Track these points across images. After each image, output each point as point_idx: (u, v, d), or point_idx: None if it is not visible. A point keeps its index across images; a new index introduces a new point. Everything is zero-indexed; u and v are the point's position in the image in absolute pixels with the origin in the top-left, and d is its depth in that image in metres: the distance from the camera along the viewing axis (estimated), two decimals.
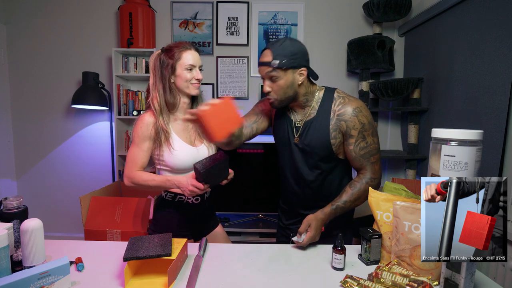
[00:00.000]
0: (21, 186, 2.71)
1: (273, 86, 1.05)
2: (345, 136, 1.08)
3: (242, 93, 2.64)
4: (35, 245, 0.82)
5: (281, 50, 1.01)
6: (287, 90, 1.05)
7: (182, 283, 0.83)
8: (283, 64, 1.00)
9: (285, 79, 1.03)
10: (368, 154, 1.08)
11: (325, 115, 1.08)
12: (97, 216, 1.53)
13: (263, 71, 1.04)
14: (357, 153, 1.07)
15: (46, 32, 2.58)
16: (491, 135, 1.49)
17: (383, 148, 2.70)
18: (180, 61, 1.13)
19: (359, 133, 1.06)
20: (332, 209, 1.06)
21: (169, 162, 1.14)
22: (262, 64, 1.03)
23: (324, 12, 2.60)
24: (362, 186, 1.08)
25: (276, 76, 1.02)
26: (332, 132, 1.07)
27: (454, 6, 1.86)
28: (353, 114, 1.05)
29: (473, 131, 0.74)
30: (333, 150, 1.09)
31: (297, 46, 1.03)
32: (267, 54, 1.02)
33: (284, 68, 1.01)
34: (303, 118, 1.13)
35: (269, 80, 1.05)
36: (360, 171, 1.12)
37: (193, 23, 2.61)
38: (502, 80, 1.46)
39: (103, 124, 2.65)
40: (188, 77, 1.14)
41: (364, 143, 1.07)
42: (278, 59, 1.00)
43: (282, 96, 1.06)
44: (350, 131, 1.06)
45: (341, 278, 0.84)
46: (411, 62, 2.48)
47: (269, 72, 1.02)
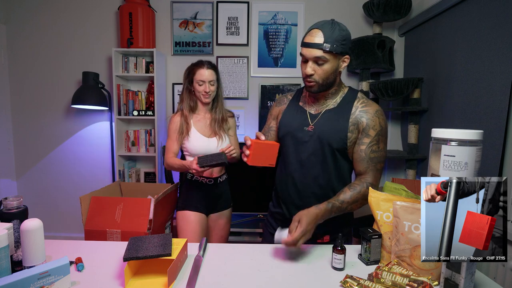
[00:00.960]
0: (21, 186, 2.71)
1: (318, 70, 1.01)
2: (362, 133, 1.04)
3: (242, 93, 2.64)
4: (35, 245, 0.82)
5: (333, 33, 0.97)
6: (330, 76, 1.02)
7: (182, 283, 0.83)
8: (334, 48, 0.97)
9: (332, 64, 1.00)
10: (376, 160, 1.05)
11: (347, 107, 1.07)
12: (97, 216, 1.53)
13: (310, 53, 0.99)
14: (367, 155, 1.04)
15: (46, 32, 2.59)
16: (491, 135, 1.49)
17: None
18: (194, 76, 1.51)
19: (376, 135, 1.03)
20: (328, 207, 0.98)
21: (187, 148, 1.54)
22: (312, 45, 0.98)
23: (324, 12, 2.60)
24: (362, 189, 1.03)
25: (324, 60, 0.98)
26: (350, 125, 1.04)
27: (454, 6, 1.86)
28: (376, 115, 1.04)
29: (473, 131, 0.74)
30: (347, 144, 1.05)
31: (346, 32, 1.00)
32: (317, 35, 0.97)
33: (334, 52, 0.98)
34: (320, 109, 1.10)
35: (314, 63, 1.00)
36: (361, 175, 1.07)
37: (193, 23, 2.61)
38: (502, 80, 1.46)
39: (103, 124, 2.65)
40: (198, 89, 1.51)
41: (376, 147, 1.04)
42: (330, 42, 0.96)
43: (324, 80, 1.02)
44: (368, 130, 1.03)
45: (341, 278, 0.84)
46: (411, 62, 2.48)
47: (318, 55, 0.98)
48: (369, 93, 2.43)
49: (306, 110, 1.12)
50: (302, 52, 1.02)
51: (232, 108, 2.03)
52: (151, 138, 2.55)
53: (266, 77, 2.64)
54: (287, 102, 1.21)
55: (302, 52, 1.02)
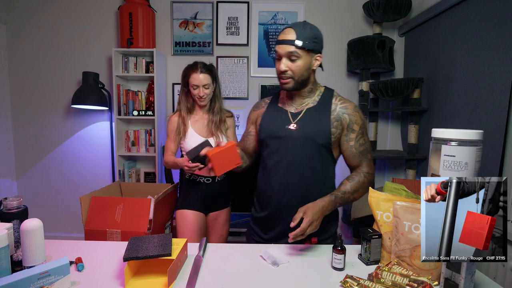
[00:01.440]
0: (21, 186, 2.71)
1: (291, 66, 1.04)
2: (346, 130, 1.09)
3: (242, 93, 2.64)
4: (35, 245, 0.82)
5: (304, 31, 1.02)
6: (303, 72, 1.06)
7: (182, 283, 0.83)
8: (306, 45, 1.02)
9: (304, 60, 1.04)
10: (366, 151, 1.11)
11: (326, 105, 1.11)
12: (97, 216, 1.53)
13: (283, 49, 1.03)
14: (357, 149, 1.09)
15: (46, 32, 2.58)
16: (491, 135, 1.49)
17: (383, 148, 2.70)
18: (189, 80, 1.51)
19: (360, 128, 1.09)
20: (332, 198, 1.02)
21: (185, 147, 1.55)
22: (285, 42, 1.02)
23: (324, 12, 2.60)
24: (360, 179, 1.07)
25: (297, 56, 1.03)
26: (333, 121, 1.08)
27: (454, 6, 1.86)
28: (355, 110, 1.10)
29: (473, 131, 0.74)
30: (331, 140, 1.08)
31: (317, 31, 1.06)
32: (290, 33, 1.02)
33: (306, 49, 1.02)
34: (300, 108, 1.13)
35: (287, 60, 1.04)
36: (356, 168, 1.12)
37: (193, 23, 2.61)
38: (502, 80, 1.46)
39: (103, 124, 2.65)
40: (193, 93, 1.52)
41: (363, 140, 1.10)
42: (301, 39, 1.01)
43: (299, 77, 1.06)
44: (352, 125, 1.08)
45: (341, 278, 0.84)
46: (411, 62, 2.48)
47: (291, 51, 1.02)
48: (369, 93, 2.44)
49: (286, 110, 1.15)
50: (276, 48, 1.07)
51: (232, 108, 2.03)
52: (151, 138, 2.55)
53: (266, 77, 2.64)
54: (265, 105, 1.23)
55: (276, 49, 1.06)
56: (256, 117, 1.24)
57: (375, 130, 2.52)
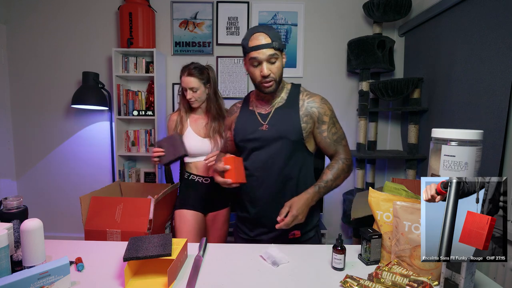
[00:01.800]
0: (21, 186, 2.71)
1: (273, 69, 1.06)
2: (317, 123, 1.13)
3: (242, 93, 2.64)
4: (35, 245, 0.82)
5: (274, 32, 1.05)
6: (281, 72, 1.10)
7: (182, 283, 0.83)
8: (280, 45, 1.05)
9: (281, 61, 1.09)
10: (340, 138, 1.15)
11: (294, 102, 1.14)
12: (97, 216, 1.53)
13: (264, 54, 1.04)
14: (331, 139, 1.13)
15: (46, 32, 2.58)
16: (491, 135, 1.49)
17: (383, 148, 2.70)
18: (181, 81, 1.53)
19: (330, 118, 1.13)
20: (316, 189, 1.07)
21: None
22: (264, 46, 1.03)
23: (324, 12, 2.60)
24: (339, 165, 1.11)
25: (276, 58, 1.05)
26: (303, 117, 1.11)
27: (454, 6, 1.86)
28: (322, 102, 1.14)
29: (473, 131, 0.74)
30: (303, 136, 1.11)
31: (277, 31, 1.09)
32: (263, 37, 1.04)
33: (281, 49, 1.06)
34: (270, 108, 1.16)
35: (268, 63, 1.05)
36: (334, 156, 1.16)
37: (193, 23, 2.61)
38: (502, 80, 1.46)
39: (103, 124, 2.65)
40: (185, 94, 1.54)
41: (334, 129, 1.14)
42: (276, 40, 1.04)
43: (279, 78, 1.09)
44: (322, 117, 1.12)
45: (341, 278, 0.84)
46: (411, 62, 2.48)
47: (271, 54, 1.04)
48: (369, 93, 2.44)
49: (256, 111, 1.18)
50: (253, 55, 1.05)
51: None
52: (151, 138, 2.55)
53: None
54: (237, 110, 1.26)
55: (254, 56, 1.05)
56: (230, 122, 1.27)
57: (375, 130, 2.52)
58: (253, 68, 1.08)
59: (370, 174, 2.50)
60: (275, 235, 1.16)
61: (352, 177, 2.69)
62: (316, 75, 2.65)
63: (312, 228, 1.20)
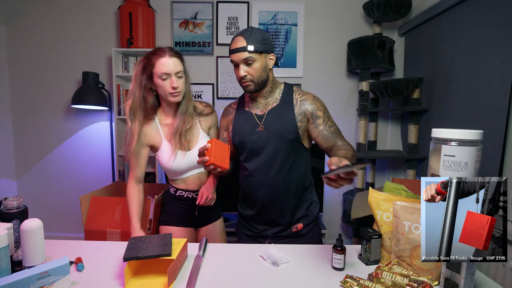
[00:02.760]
0: (21, 186, 2.71)
1: (249, 70, 1.10)
2: (312, 119, 1.15)
3: (242, 93, 2.63)
4: (35, 245, 0.82)
5: (253, 36, 1.09)
6: (262, 73, 1.12)
7: (182, 283, 0.83)
8: (257, 48, 1.08)
9: (260, 62, 1.11)
10: (337, 131, 1.16)
11: (289, 102, 1.17)
12: (97, 216, 1.53)
13: (238, 57, 1.09)
14: (329, 131, 1.14)
15: (46, 32, 2.58)
16: (491, 135, 1.49)
17: (383, 148, 2.70)
18: (154, 69, 1.14)
19: (324, 113, 1.16)
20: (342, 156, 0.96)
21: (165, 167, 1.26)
22: (238, 50, 1.08)
23: (324, 12, 2.60)
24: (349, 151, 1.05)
25: (252, 60, 1.09)
26: (298, 116, 1.15)
27: (454, 6, 1.86)
28: (314, 99, 1.18)
29: (473, 131, 0.74)
30: (299, 134, 1.15)
31: (264, 33, 1.12)
32: (240, 40, 1.09)
33: (258, 51, 1.09)
34: (264, 109, 1.19)
35: (244, 65, 1.10)
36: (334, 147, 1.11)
37: (193, 23, 2.61)
38: (502, 80, 1.46)
39: (103, 124, 2.65)
40: (162, 85, 1.14)
41: (330, 122, 1.16)
42: (252, 44, 1.08)
43: (258, 78, 1.12)
44: (316, 112, 1.15)
45: (341, 278, 0.84)
46: (411, 62, 2.48)
47: (245, 57, 1.08)
48: (369, 93, 2.44)
49: (252, 112, 1.21)
50: (231, 59, 1.12)
51: None
52: None
53: None
54: (233, 111, 1.28)
55: (232, 59, 1.12)
56: (227, 123, 1.30)
57: (375, 130, 2.52)
58: (235, 68, 1.14)
59: (370, 174, 2.50)
60: (279, 229, 1.21)
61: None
62: (316, 75, 2.65)
63: (313, 220, 1.25)
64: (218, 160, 1.01)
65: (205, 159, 0.99)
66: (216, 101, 2.65)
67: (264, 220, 1.22)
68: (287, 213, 1.19)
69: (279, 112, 1.16)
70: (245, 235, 1.29)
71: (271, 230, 1.22)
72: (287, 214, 1.19)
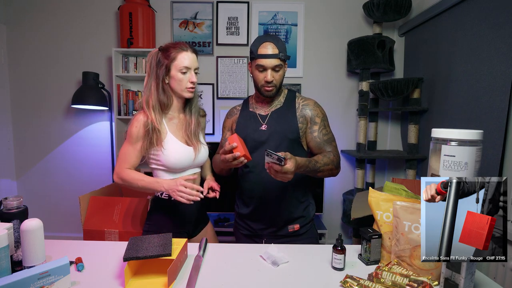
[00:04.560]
0: (21, 186, 2.71)
1: (275, 76, 1.17)
2: (310, 123, 1.22)
3: (242, 93, 2.64)
4: (35, 245, 0.82)
5: (280, 44, 1.15)
6: (282, 80, 1.21)
7: (182, 283, 0.83)
8: (285, 56, 1.16)
9: (284, 70, 1.20)
10: (330, 140, 1.22)
11: (291, 105, 1.24)
12: (95, 216, 1.53)
13: (271, 63, 1.14)
14: (321, 139, 1.20)
15: (46, 31, 2.58)
16: (491, 135, 1.49)
17: (383, 148, 2.70)
18: (175, 62, 1.13)
19: (322, 120, 1.22)
20: (306, 162, 1.07)
21: (165, 161, 1.14)
22: (272, 56, 1.13)
23: (324, 12, 2.60)
24: (330, 156, 1.16)
25: (280, 67, 1.16)
26: (299, 118, 1.22)
27: (454, 6, 1.86)
28: (315, 106, 1.24)
29: (473, 131, 0.74)
30: (299, 134, 1.21)
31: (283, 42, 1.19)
32: (272, 47, 1.13)
33: (285, 59, 1.17)
34: (268, 110, 1.25)
35: (273, 71, 1.16)
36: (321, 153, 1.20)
37: (193, 23, 2.61)
38: (502, 80, 1.46)
39: (103, 124, 2.65)
40: (181, 79, 1.14)
41: (325, 130, 1.22)
42: (282, 51, 1.14)
43: (280, 84, 1.21)
44: (314, 118, 1.21)
45: (341, 278, 0.84)
46: (411, 62, 2.48)
47: (277, 64, 1.14)
48: (369, 93, 2.43)
49: (256, 113, 1.26)
50: (260, 63, 1.15)
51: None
52: None
53: None
54: (237, 112, 1.33)
55: (261, 63, 1.14)
56: (231, 123, 1.34)
57: (375, 130, 2.52)
58: (258, 72, 1.17)
59: (370, 174, 2.50)
60: (275, 229, 1.23)
61: (352, 177, 2.69)
62: (316, 75, 2.65)
63: (309, 221, 1.27)
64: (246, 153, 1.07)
65: (237, 154, 1.03)
66: (216, 101, 2.65)
67: (259, 218, 1.24)
68: (283, 212, 1.21)
69: (282, 113, 1.22)
70: (242, 234, 1.31)
71: (267, 230, 1.24)
72: (283, 213, 1.21)
